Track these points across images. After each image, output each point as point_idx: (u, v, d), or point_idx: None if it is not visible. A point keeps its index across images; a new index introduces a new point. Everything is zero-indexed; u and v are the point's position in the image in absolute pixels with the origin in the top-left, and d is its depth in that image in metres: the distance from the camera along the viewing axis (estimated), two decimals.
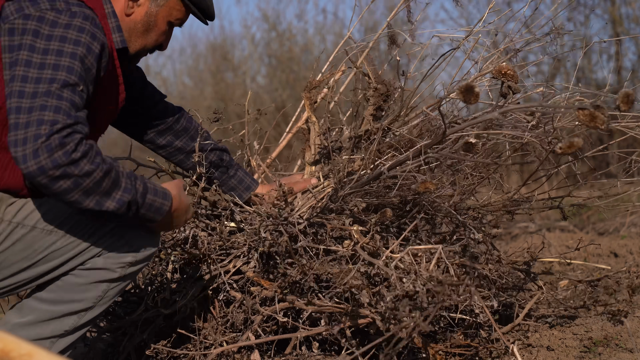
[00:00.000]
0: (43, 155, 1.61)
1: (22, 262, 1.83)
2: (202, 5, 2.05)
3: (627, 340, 2.35)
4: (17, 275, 1.84)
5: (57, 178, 1.63)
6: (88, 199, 1.68)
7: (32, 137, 1.62)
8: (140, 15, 1.97)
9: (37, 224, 1.83)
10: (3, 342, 1.15)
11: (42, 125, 1.63)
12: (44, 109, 1.65)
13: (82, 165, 1.65)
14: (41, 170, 1.62)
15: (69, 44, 1.73)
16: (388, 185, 2.22)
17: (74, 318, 1.89)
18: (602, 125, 1.68)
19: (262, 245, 2.18)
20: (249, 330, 2.19)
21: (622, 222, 4.87)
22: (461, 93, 1.81)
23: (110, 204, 1.70)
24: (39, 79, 1.68)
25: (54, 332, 1.88)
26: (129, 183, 1.73)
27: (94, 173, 1.66)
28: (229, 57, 10.35)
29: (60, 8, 1.77)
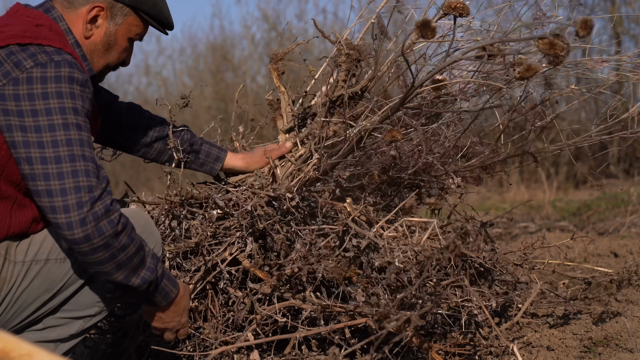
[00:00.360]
0: (90, 223, 1.68)
1: (44, 295, 1.85)
2: (160, 18, 2.04)
3: (627, 340, 2.35)
4: (41, 308, 1.87)
5: (98, 248, 1.69)
6: (119, 272, 1.75)
7: (75, 205, 1.68)
8: (100, 36, 1.96)
9: (50, 256, 1.84)
10: (3, 342, 1.15)
11: (80, 192, 1.68)
12: (76, 175, 1.70)
13: (121, 237, 1.72)
14: (87, 239, 1.68)
15: (67, 98, 1.73)
16: (368, 152, 2.27)
17: (81, 322, 1.91)
18: (561, 52, 1.67)
19: (258, 222, 2.18)
20: (248, 330, 2.19)
21: (622, 222, 4.87)
22: (418, 29, 1.82)
23: (135, 280, 1.78)
24: (55, 142, 1.71)
25: (60, 336, 1.90)
26: (152, 263, 1.81)
27: (129, 247, 1.74)
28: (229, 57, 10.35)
29: (44, 61, 1.75)
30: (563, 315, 2.69)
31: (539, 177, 7.86)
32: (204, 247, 2.26)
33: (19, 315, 1.84)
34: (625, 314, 2.61)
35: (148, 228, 1.96)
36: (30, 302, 1.84)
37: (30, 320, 1.87)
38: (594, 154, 7.93)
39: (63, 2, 1.93)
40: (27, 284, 1.82)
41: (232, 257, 2.27)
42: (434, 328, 2.32)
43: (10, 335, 1.17)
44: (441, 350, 2.24)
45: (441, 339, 2.32)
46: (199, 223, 2.29)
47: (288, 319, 2.21)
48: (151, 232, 1.96)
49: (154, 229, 1.98)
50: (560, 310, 2.73)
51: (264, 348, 2.30)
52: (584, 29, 1.70)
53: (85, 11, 1.93)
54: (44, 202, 1.70)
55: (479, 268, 2.40)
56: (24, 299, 1.83)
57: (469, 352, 2.30)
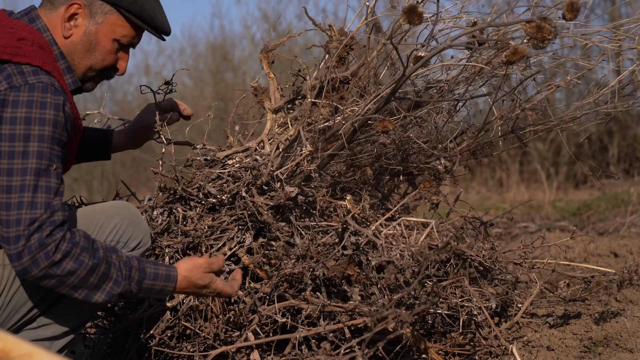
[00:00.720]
0: (25, 257, 1.68)
1: (36, 296, 1.85)
2: (144, 16, 1.96)
3: (627, 340, 2.35)
4: (34, 308, 1.86)
5: (41, 278, 1.70)
6: (77, 292, 1.75)
7: (14, 239, 1.68)
8: (79, 36, 1.91)
9: None
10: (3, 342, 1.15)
11: (20, 225, 1.68)
12: (21, 207, 1.68)
13: (64, 265, 1.70)
14: (25, 272, 1.69)
15: (35, 125, 1.70)
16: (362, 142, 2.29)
17: (74, 318, 1.90)
18: (549, 36, 1.67)
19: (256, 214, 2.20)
20: (248, 330, 2.19)
21: (622, 222, 4.87)
22: (404, 14, 1.82)
23: (99, 297, 1.77)
24: (11, 171, 1.69)
25: (54, 333, 1.90)
26: (120, 275, 1.78)
27: (77, 271, 1.72)
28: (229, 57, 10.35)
29: (18, 84, 1.72)
30: (563, 315, 2.68)
31: (539, 177, 7.86)
32: (202, 242, 2.27)
33: (13, 317, 1.84)
34: (625, 314, 2.61)
35: (135, 220, 1.95)
36: (22, 303, 1.83)
37: (25, 321, 1.87)
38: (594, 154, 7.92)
39: (46, 5, 1.91)
40: (17, 285, 1.82)
41: (231, 252, 2.28)
42: (434, 328, 2.32)
43: (10, 335, 1.17)
44: (441, 350, 2.24)
45: (441, 339, 2.32)
46: (195, 213, 2.30)
47: (288, 318, 2.21)
48: (138, 223, 1.95)
49: (141, 220, 1.96)
50: (560, 310, 2.73)
51: (264, 348, 2.30)
52: (570, 12, 1.70)
53: (63, 10, 1.90)
54: None
55: (478, 267, 2.40)
56: (16, 300, 1.82)
57: (469, 352, 2.30)
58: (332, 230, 2.23)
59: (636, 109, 8.17)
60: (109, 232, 1.90)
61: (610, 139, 7.97)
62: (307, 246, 2.16)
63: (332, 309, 2.15)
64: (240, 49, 10.50)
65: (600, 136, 8.06)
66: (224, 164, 2.38)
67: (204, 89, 10.17)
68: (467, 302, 2.22)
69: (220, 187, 2.32)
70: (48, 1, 1.92)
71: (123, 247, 1.91)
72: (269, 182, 2.25)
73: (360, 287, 2.12)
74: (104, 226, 1.90)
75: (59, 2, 1.91)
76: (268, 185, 2.27)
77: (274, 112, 2.52)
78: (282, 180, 2.23)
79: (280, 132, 2.45)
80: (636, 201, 5.60)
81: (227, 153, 2.41)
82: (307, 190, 2.28)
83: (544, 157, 8.13)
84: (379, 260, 2.00)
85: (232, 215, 2.30)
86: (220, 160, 2.39)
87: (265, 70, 2.57)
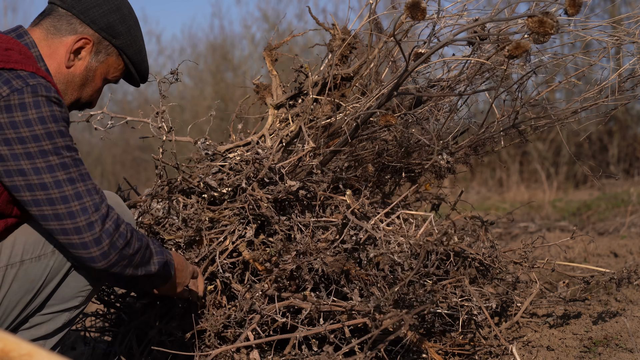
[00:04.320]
0: (105, 241, 1.75)
1: (26, 296, 1.85)
2: (140, 68, 2.04)
3: (627, 340, 2.35)
4: (26, 309, 1.87)
5: (116, 261, 1.78)
6: (138, 269, 1.85)
7: (87, 226, 1.73)
8: (80, 69, 1.95)
9: (24, 257, 1.84)
10: (3, 342, 1.15)
11: (88, 213, 1.74)
12: (80, 197, 1.74)
13: (133, 243, 1.81)
14: (104, 256, 1.75)
15: (50, 122, 1.73)
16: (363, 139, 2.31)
17: (66, 315, 1.92)
18: (551, 30, 1.68)
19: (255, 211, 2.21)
20: (248, 329, 2.19)
21: (622, 222, 4.87)
22: (407, 9, 1.82)
23: (154, 267, 1.90)
24: (51, 167, 1.73)
25: (47, 331, 1.91)
26: (155, 246, 1.92)
27: (141, 248, 1.84)
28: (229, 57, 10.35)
29: (19, 87, 1.73)
30: (563, 315, 2.69)
31: (539, 177, 7.86)
32: (204, 236, 2.28)
33: (5, 321, 1.84)
34: (625, 314, 2.61)
35: (119, 209, 1.97)
36: (13, 306, 1.83)
37: (18, 323, 1.87)
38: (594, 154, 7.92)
39: (49, 28, 1.92)
40: (6, 289, 1.82)
41: (234, 245, 2.28)
42: (434, 328, 2.32)
43: (10, 335, 1.17)
44: (441, 350, 2.24)
45: (441, 339, 2.32)
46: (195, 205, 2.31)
47: (288, 318, 2.21)
48: (123, 213, 1.97)
49: (125, 210, 2.00)
50: (560, 310, 2.73)
51: (264, 348, 2.30)
52: (572, 7, 1.70)
53: (72, 41, 1.92)
54: (53, 225, 1.74)
55: (478, 267, 2.40)
56: (6, 304, 1.82)
57: (469, 352, 2.30)
58: (332, 226, 2.24)
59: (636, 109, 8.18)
60: None
61: (610, 139, 7.97)
62: (307, 242, 2.16)
63: (331, 308, 2.15)
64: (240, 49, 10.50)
65: (600, 136, 8.06)
66: (225, 158, 2.40)
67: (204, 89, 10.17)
68: (467, 302, 2.22)
69: (221, 180, 2.33)
70: (51, 25, 1.92)
71: None
72: (271, 177, 2.26)
73: (360, 284, 2.12)
74: None
75: (65, 30, 1.92)
76: (270, 180, 2.28)
77: (276, 108, 2.55)
78: (283, 174, 2.24)
79: (282, 128, 2.47)
80: (636, 201, 5.60)
81: (229, 147, 2.43)
82: (308, 184, 2.29)
83: (544, 157, 8.14)
84: (377, 252, 2.01)
85: (232, 209, 2.31)
86: (221, 154, 2.41)
87: (268, 68, 2.63)
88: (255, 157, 2.28)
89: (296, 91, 2.57)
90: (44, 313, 1.90)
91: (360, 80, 2.49)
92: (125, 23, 1.97)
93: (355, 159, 2.39)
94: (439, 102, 2.45)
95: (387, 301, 1.94)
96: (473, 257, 2.35)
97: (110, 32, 1.95)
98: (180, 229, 2.28)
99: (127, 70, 2.04)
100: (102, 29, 1.94)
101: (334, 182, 2.37)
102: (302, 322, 2.19)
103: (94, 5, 1.94)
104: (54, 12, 1.93)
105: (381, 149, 2.35)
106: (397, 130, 2.32)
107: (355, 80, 2.49)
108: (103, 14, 1.94)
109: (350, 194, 2.21)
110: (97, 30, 1.94)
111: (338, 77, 2.47)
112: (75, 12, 1.93)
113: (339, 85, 2.49)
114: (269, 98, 2.57)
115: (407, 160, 2.41)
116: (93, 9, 1.94)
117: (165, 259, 1.93)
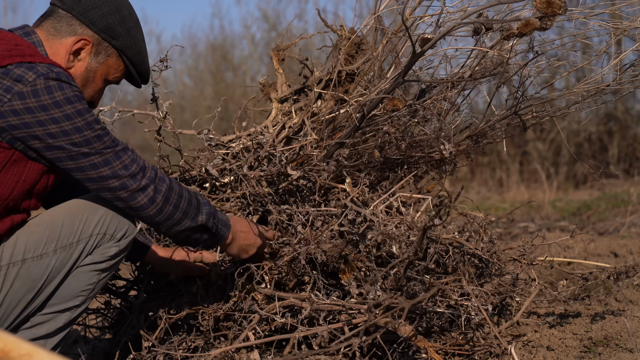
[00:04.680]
0: (150, 187, 1.86)
1: (28, 295, 1.86)
2: (141, 68, 2.06)
3: (627, 340, 2.35)
4: (27, 308, 1.88)
5: (163, 204, 1.88)
6: (187, 218, 1.93)
7: (132, 180, 1.85)
8: (80, 70, 1.97)
9: (25, 255, 1.85)
10: (3, 342, 1.15)
11: (130, 168, 1.85)
12: (119, 157, 1.85)
13: (175, 187, 1.91)
14: (152, 201, 1.87)
15: (76, 102, 1.81)
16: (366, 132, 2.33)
17: (67, 314, 1.92)
18: (559, 10, 1.69)
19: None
20: (248, 329, 2.19)
21: (622, 222, 4.87)
22: None
23: (202, 218, 1.95)
24: (87, 140, 1.82)
25: (48, 331, 1.91)
26: (202, 197, 1.99)
27: (184, 193, 1.93)
28: (229, 57, 10.34)
29: (43, 71, 1.79)
30: (563, 315, 2.69)
31: (539, 177, 7.86)
32: None
33: (6, 320, 1.84)
34: (625, 314, 2.61)
35: (120, 211, 1.97)
36: (14, 305, 1.84)
37: (19, 322, 1.87)
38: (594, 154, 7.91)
39: (49, 29, 1.94)
40: (8, 287, 1.82)
41: None
42: (433, 327, 2.32)
43: (10, 335, 1.17)
44: (441, 349, 2.24)
45: (440, 338, 2.32)
46: None
47: (287, 318, 2.21)
48: (123, 214, 1.98)
49: None
50: (560, 310, 2.73)
51: (263, 348, 2.30)
52: None
53: (72, 42, 1.94)
54: (101, 184, 1.84)
55: (477, 263, 2.40)
56: (8, 303, 1.83)
57: (469, 352, 2.30)
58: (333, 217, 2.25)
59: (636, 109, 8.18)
60: (94, 225, 1.91)
61: (610, 139, 7.97)
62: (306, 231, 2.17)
63: (331, 307, 2.15)
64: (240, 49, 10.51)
65: (600, 136, 8.06)
66: (228, 148, 2.42)
67: (204, 89, 10.18)
68: (466, 301, 2.22)
69: (223, 170, 2.35)
70: (52, 26, 1.94)
71: (110, 239, 1.93)
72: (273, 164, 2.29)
73: (360, 274, 2.13)
74: (89, 220, 1.91)
75: (65, 31, 1.94)
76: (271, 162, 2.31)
77: (280, 102, 2.59)
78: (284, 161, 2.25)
79: (285, 120, 2.50)
80: (636, 201, 5.60)
81: (231, 137, 2.47)
82: (309, 174, 2.29)
83: (544, 157, 8.13)
84: (375, 234, 2.02)
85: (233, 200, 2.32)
86: (224, 144, 2.43)
87: (275, 66, 2.70)
88: (256, 142, 2.31)
89: (301, 85, 2.61)
90: (45, 312, 1.90)
91: (364, 76, 2.51)
92: (125, 24, 1.98)
93: (358, 152, 2.40)
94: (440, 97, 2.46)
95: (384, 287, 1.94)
96: (472, 253, 2.35)
97: (110, 33, 1.96)
98: None
99: (128, 71, 2.05)
100: (101, 30, 1.95)
101: (336, 173, 2.38)
102: (302, 322, 2.18)
103: (94, 6, 1.95)
104: (55, 14, 1.95)
105: (384, 142, 2.36)
106: (400, 122, 2.32)
107: (360, 77, 2.51)
108: (102, 16, 1.95)
109: (350, 182, 2.23)
110: (96, 32, 1.95)
111: (343, 73, 2.51)
112: (75, 14, 1.94)
113: (343, 81, 2.52)
114: (273, 93, 2.62)
115: (410, 153, 2.42)
116: (93, 10, 1.95)
117: (212, 210, 1.98)
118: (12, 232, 1.85)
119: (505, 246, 2.59)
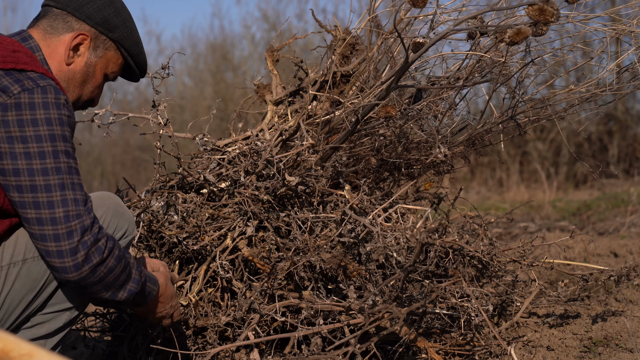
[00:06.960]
0: (80, 252, 1.71)
1: (28, 295, 1.85)
2: (139, 60, 2.05)
3: (627, 340, 2.35)
4: (28, 308, 1.87)
5: (87, 275, 1.73)
6: (107, 291, 1.80)
7: (66, 235, 1.71)
8: (80, 65, 1.96)
9: (26, 255, 1.84)
10: (3, 342, 1.15)
11: (70, 221, 1.71)
12: (66, 204, 1.72)
13: (108, 261, 1.76)
14: (76, 267, 1.72)
15: (55, 125, 1.74)
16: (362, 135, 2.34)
17: (67, 314, 1.92)
18: (551, 18, 1.69)
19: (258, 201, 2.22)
20: (248, 329, 2.19)
21: (622, 222, 4.87)
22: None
23: (122, 295, 1.83)
24: (45, 170, 1.72)
25: (48, 331, 1.91)
26: (137, 274, 1.85)
27: (116, 269, 1.78)
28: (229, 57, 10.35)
29: (30, 87, 1.74)
30: (563, 315, 2.69)
31: (539, 177, 7.86)
32: (205, 233, 2.28)
33: (7, 320, 1.84)
34: (625, 314, 2.61)
35: (119, 210, 1.97)
36: (15, 305, 1.84)
37: (21, 321, 1.87)
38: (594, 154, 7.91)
39: (46, 28, 1.93)
40: (8, 288, 1.82)
41: (234, 243, 2.28)
42: (433, 328, 2.32)
43: (10, 335, 1.17)
44: (441, 350, 2.24)
45: (440, 339, 2.32)
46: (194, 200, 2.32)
47: (287, 317, 2.21)
48: (122, 213, 1.97)
49: (125, 210, 1.99)
50: (560, 310, 2.73)
51: (263, 348, 2.30)
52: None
53: (70, 38, 1.93)
54: (34, 229, 1.73)
55: (477, 265, 2.40)
56: (9, 303, 1.83)
57: (469, 353, 2.30)
58: (332, 223, 2.25)
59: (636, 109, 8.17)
60: None
61: (610, 139, 7.97)
62: (305, 239, 2.17)
63: (331, 308, 2.15)
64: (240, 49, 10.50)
65: (600, 136, 8.06)
66: (224, 152, 2.41)
67: (204, 89, 10.17)
68: (466, 302, 2.22)
69: (219, 175, 2.34)
70: (48, 25, 1.94)
71: None
72: (269, 172, 2.27)
73: (359, 280, 2.12)
74: None
75: (62, 29, 1.94)
76: (268, 175, 2.29)
77: (275, 104, 2.59)
78: (281, 168, 2.25)
79: (281, 123, 2.49)
80: (636, 201, 5.60)
81: (227, 141, 2.46)
82: (307, 179, 2.29)
83: (544, 157, 8.13)
84: (373, 246, 2.02)
85: (231, 206, 2.31)
86: (220, 148, 2.43)
87: (269, 68, 2.68)
88: (252, 148, 2.30)
89: (296, 87, 2.60)
90: (46, 312, 1.90)
91: (359, 77, 2.51)
92: (120, 16, 1.99)
93: (354, 156, 2.41)
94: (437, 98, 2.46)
95: (382, 295, 1.94)
96: (472, 255, 2.35)
97: (106, 25, 1.97)
98: (180, 226, 2.29)
99: (126, 64, 2.05)
100: (98, 24, 1.96)
101: (333, 178, 2.38)
102: (302, 322, 2.18)
103: (88, 1, 1.95)
104: (49, 13, 1.95)
105: (380, 144, 2.36)
106: (396, 125, 2.33)
107: (355, 78, 2.51)
108: (98, 9, 1.96)
109: (349, 189, 2.22)
110: (93, 26, 1.95)
111: (338, 74, 2.50)
112: (70, 10, 1.94)
113: (338, 83, 2.52)
114: (268, 95, 2.62)
115: (406, 156, 2.43)
116: (87, 4, 1.95)
117: (139, 289, 1.86)
118: (12, 232, 1.85)
119: (505, 247, 2.59)
